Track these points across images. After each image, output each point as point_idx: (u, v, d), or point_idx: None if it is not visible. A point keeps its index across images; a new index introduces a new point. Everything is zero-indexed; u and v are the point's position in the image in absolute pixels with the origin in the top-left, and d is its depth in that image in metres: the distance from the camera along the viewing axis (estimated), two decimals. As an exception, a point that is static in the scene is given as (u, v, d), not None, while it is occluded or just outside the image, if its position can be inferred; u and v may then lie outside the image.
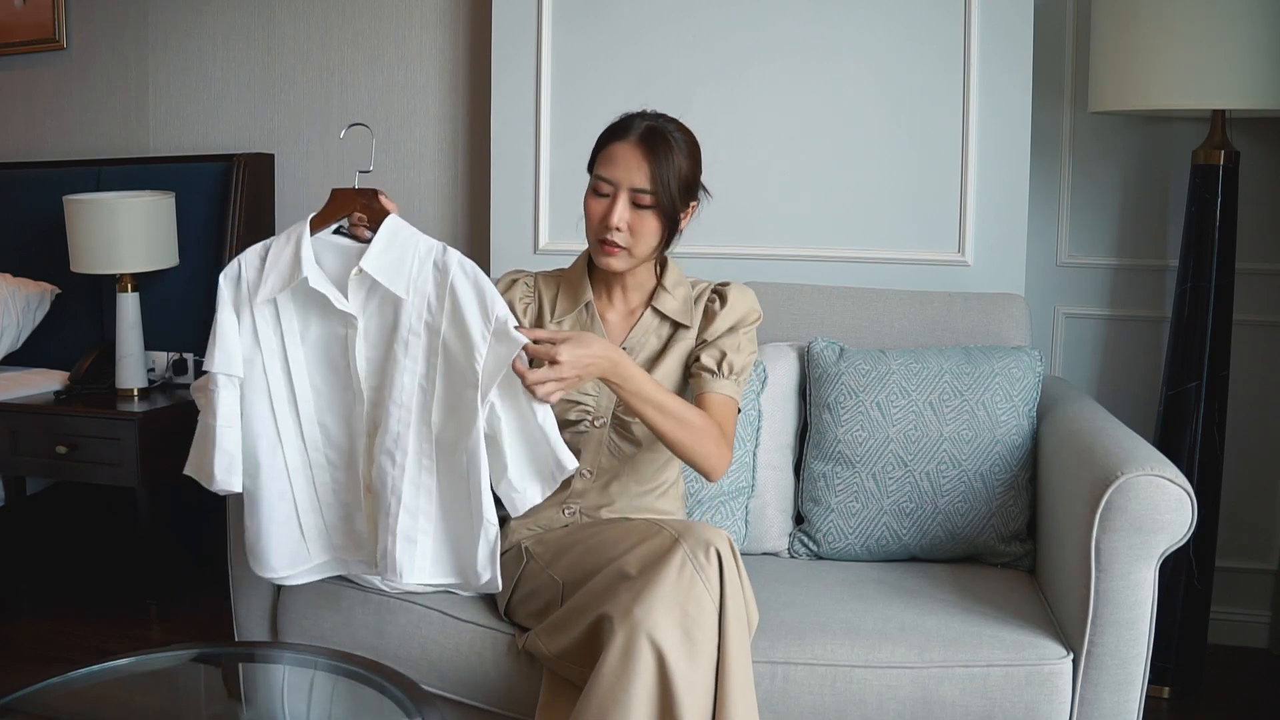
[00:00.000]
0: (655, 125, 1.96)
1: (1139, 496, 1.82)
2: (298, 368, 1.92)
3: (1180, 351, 2.60)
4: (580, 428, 2.02)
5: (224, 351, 1.87)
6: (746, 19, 2.76)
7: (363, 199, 1.89)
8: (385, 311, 1.89)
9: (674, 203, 1.94)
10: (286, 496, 1.95)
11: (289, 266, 1.87)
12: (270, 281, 1.88)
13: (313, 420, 1.94)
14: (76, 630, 2.96)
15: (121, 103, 3.49)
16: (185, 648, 2.19)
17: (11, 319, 3.19)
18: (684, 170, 1.95)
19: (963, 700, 1.86)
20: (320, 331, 1.92)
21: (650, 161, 1.92)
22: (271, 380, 1.91)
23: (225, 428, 1.88)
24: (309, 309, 1.91)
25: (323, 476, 1.96)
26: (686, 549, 1.73)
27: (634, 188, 1.92)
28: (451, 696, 1.99)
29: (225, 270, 1.91)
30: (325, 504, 1.97)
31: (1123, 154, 2.87)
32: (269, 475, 1.93)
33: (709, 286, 2.10)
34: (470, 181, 3.19)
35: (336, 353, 1.92)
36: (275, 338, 1.91)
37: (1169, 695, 2.64)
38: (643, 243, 1.95)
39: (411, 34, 3.20)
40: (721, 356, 2.00)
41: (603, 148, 1.98)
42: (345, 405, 1.94)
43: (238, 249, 3.15)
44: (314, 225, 1.89)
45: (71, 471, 3.01)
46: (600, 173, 1.95)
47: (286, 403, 1.92)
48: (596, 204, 1.96)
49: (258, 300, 1.89)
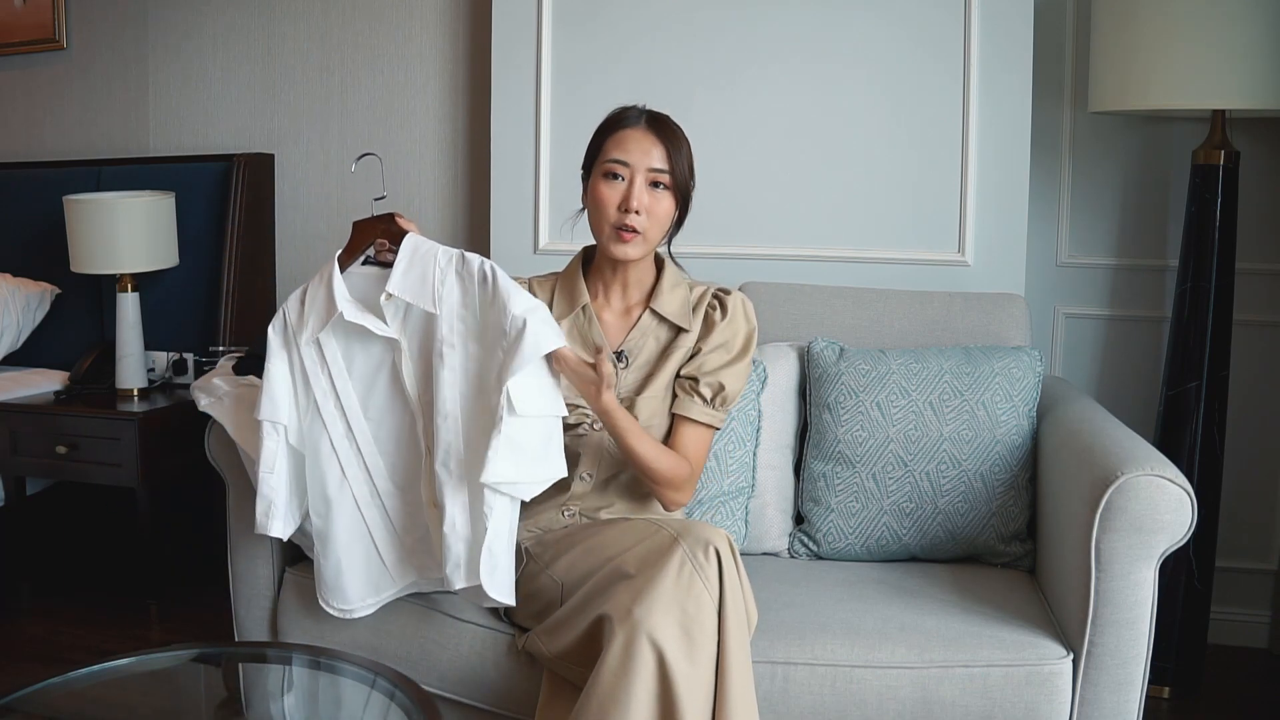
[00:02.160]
0: (655, 112, 2.01)
1: (1139, 496, 1.82)
2: (349, 401, 1.96)
3: (1180, 351, 2.60)
4: (579, 431, 2.02)
5: (269, 399, 1.93)
6: (747, 19, 2.76)
7: (382, 224, 1.97)
8: (422, 327, 1.93)
9: (686, 183, 1.99)
10: (361, 529, 1.97)
11: (325, 305, 1.93)
12: (311, 323, 1.94)
13: (373, 450, 1.97)
14: (76, 630, 2.96)
15: (121, 103, 3.49)
16: (185, 648, 2.20)
17: (11, 319, 3.19)
18: (688, 153, 2.01)
19: (963, 700, 1.86)
20: (365, 361, 1.96)
21: (664, 142, 1.97)
22: (327, 418, 1.96)
23: (266, 473, 1.94)
24: (351, 342, 1.96)
25: (393, 503, 1.98)
26: (686, 548, 1.73)
27: (651, 168, 1.95)
28: (451, 696, 1.99)
29: (272, 322, 1.97)
30: (402, 529, 1.98)
31: (1123, 154, 2.87)
32: (339, 510, 1.96)
33: (709, 290, 2.09)
34: (470, 181, 3.19)
35: (385, 379, 1.96)
36: (324, 375, 1.95)
37: (1169, 695, 2.64)
38: (656, 226, 1.98)
39: (411, 34, 3.20)
40: (719, 389, 2.01)
41: (609, 134, 1.99)
42: (404, 427, 1.96)
43: (238, 249, 3.19)
44: (341, 261, 1.96)
45: (71, 471, 3.00)
46: (614, 156, 1.96)
47: (344, 437, 1.96)
48: (610, 189, 1.96)
49: (302, 342, 1.94)
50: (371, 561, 1.97)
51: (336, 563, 1.96)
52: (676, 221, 2.02)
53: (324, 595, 1.99)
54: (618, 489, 2.05)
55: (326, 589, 1.99)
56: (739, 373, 2.05)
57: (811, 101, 2.75)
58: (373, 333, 1.92)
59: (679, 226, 2.04)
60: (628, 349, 2.05)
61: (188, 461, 2.85)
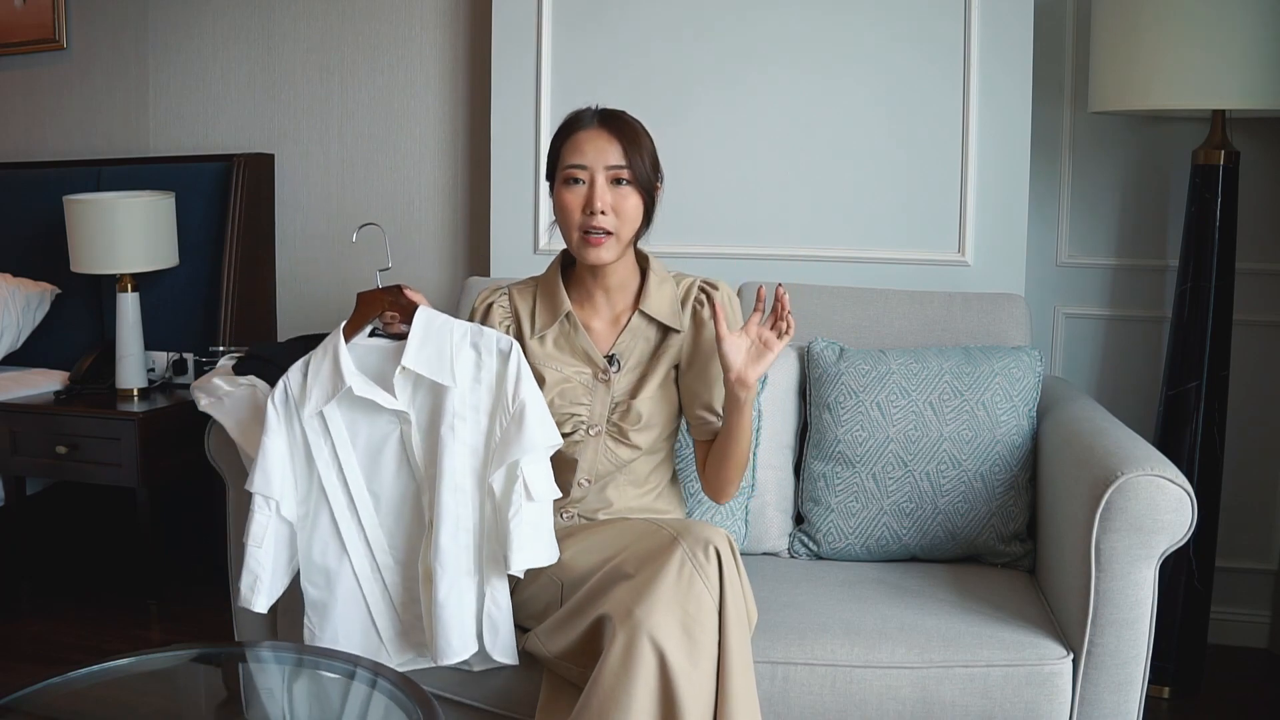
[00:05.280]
0: (607, 109, 1.98)
1: (1139, 496, 1.82)
2: (352, 474, 1.95)
3: (1180, 351, 2.60)
4: (576, 437, 2.01)
5: (263, 473, 1.92)
6: (747, 19, 2.76)
7: (389, 296, 1.95)
8: (431, 400, 1.92)
9: (649, 176, 1.95)
10: (359, 603, 1.96)
11: (330, 378, 1.91)
12: (314, 396, 1.92)
13: (375, 523, 1.96)
14: (76, 630, 2.96)
15: (121, 103, 3.49)
16: (185, 648, 2.20)
17: (11, 319, 3.19)
18: (649, 145, 1.97)
19: (963, 700, 1.86)
20: (369, 434, 1.95)
21: (619, 138, 1.93)
22: (329, 490, 1.94)
23: (254, 548, 1.92)
24: (355, 414, 1.94)
25: (393, 577, 1.97)
26: (685, 548, 1.73)
27: (609, 165, 1.92)
28: (451, 696, 1.99)
29: (272, 393, 1.95)
30: (400, 604, 1.96)
31: (1123, 154, 2.87)
32: (339, 583, 1.95)
33: (694, 283, 2.07)
34: (470, 181, 3.19)
35: (391, 452, 1.95)
36: (327, 447, 1.94)
37: (1169, 695, 2.64)
38: (627, 223, 1.94)
39: (411, 34, 3.20)
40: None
41: (564, 140, 1.97)
42: (407, 500, 1.95)
43: (238, 249, 3.18)
44: (347, 333, 1.95)
45: (71, 471, 3.00)
46: (570, 161, 1.94)
47: (346, 509, 1.95)
48: (572, 195, 1.94)
49: (305, 415, 1.92)
50: (369, 637, 1.96)
51: (334, 635, 1.94)
52: (647, 217, 1.98)
53: None
54: (615, 491, 2.04)
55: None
56: None
57: (811, 101, 2.75)
58: (380, 406, 1.91)
59: (648, 223, 1.99)
60: (618, 353, 2.03)
61: (188, 461, 2.86)
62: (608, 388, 2.01)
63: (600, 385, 2.01)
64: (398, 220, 3.21)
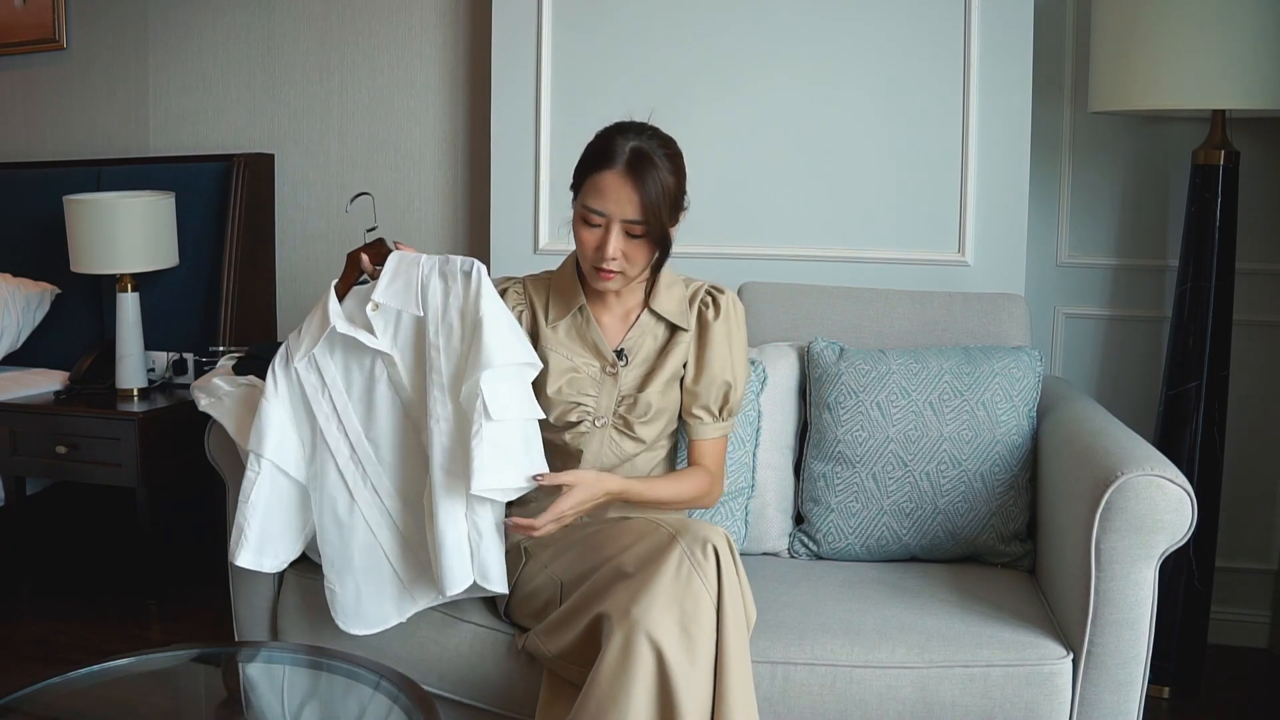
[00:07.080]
0: (639, 147, 1.92)
1: (1139, 496, 1.82)
2: (350, 422, 1.97)
3: (1180, 351, 2.60)
4: (581, 428, 2.03)
5: (256, 432, 1.96)
6: (747, 18, 2.76)
7: (371, 249, 1.99)
8: (413, 338, 1.94)
9: (664, 226, 1.95)
10: (376, 551, 1.97)
11: (319, 323, 1.96)
12: (305, 342, 1.97)
13: (378, 470, 1.98)
14: (76, 630, 2.96)
15: (121, 103, 3.49)
16: (185, 648, 2.20)
17: (11, 319, 3.19)
18: (671, 188, 1.94)
19: (963, 700, 1.86)
20: (362, 381, 1.97)
21: (639, 191, 1.90)
22: (332, 442, 1.97)
23: (242, 503, 1.96)
24: (349, 362, 1.97)
25: (404, 520, 1.97)
26: (684, 546, 1.73)
27: (626, 219, 1.92)
28: (451, 696, 1.99)
29: (274, 359, 2.00)
30: (417, 544, 1.97)
31: (1123, 154, 2.87)
32: (352, 534, 1.96)
33: (702, 286, 2.11)
34: (470, 181, 3.19)
35: (382, 394, 1.97)
36: (325, 399, 1.97)
37: (1169, 695, 2.64)
38: (637, 266, 1.97)
39: (411, 34, 3.20)
40: (724, 401, 2.05)
41: (588, 175, 1.95)
42: (406, 440, 1.96)
43: (238, 249, 3.18)
44: (338, 290, 1.99)
45: (71, 471, 3.01)
46: (590, 205, 1.93)
47: (350, 460, 1.97)
48: (589, 235, 1.95)
49: (297, 359, 1.96)
50: (392, 582, 1.96)
51: (355, 588, 1.95)
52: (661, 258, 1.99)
53: (343, 621, 1.97)
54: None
55: (346, 615, 1.97)
56: (740, 372, 2.07)
57: (811, 101, 2.75)
58: (366, 349, 1.94)
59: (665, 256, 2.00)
60: (627, 347, 2.06)
61: (188, 461, 2.86)
62: (615, 381, 2.04)
63: (608, 379, 2.05)
64: (398, 220, 3.21)
